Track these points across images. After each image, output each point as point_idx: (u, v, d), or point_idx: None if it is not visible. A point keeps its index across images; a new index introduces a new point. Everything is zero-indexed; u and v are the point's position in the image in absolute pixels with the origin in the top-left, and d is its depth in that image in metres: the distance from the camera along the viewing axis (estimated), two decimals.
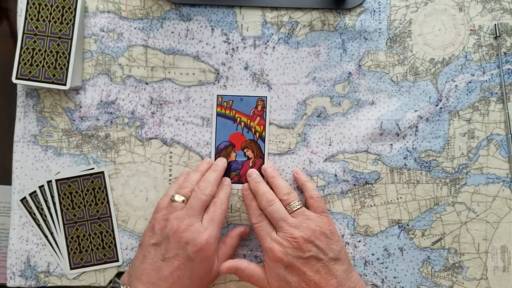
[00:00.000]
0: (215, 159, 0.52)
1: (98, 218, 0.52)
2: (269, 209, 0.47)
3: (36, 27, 0.50)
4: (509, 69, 0.52)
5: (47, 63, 0.50)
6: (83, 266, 0.51)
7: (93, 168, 0.52)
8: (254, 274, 0.47)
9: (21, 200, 0.52)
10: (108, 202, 0.52)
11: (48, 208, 0.52)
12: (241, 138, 0.53)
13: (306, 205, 0.50)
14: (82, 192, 0.52)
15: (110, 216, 0.52)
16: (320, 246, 0.45)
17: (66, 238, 0.51)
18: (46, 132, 0.53)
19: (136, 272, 0.45)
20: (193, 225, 0.45)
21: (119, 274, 0.49)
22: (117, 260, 0.52)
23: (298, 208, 0.47)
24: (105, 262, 0.52)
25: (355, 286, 0.45)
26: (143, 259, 0.45)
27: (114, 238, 0.52)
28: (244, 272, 0.47)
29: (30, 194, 0.52)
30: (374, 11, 0.52)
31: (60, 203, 0.51)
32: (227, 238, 0.50)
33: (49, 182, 0.52)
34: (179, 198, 0.47)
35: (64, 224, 0.51)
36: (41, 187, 0.52)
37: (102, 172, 0.52)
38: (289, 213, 0.47)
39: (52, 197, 0.51)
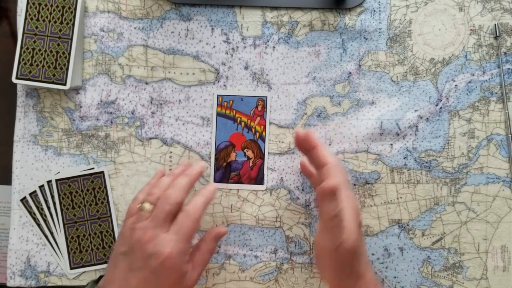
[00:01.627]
0: (215, 159, 0.52)
1: (98, 218, 0.52)
2: (344, 200, 0.41)
3: (36, 27, 0.50)
4: (509, 69, 0.52)
5: (47, 63, 0.50)
6: (83, 266, 0.51)
7: (93, 168, 0.52)
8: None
9: (21, 200, 0.52)
10: (108, 202, 0.52)
11: (48, 208, 0.52)
12: (241, 138, 0.53)
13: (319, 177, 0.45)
14: (82, 192, 0.52)
15: (110, 216, 0.52)
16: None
17: (66, 238, 0.51)
18: (46, 132, 0.53)
19: (109, 278, 0.43)
20: (157, 236, 0.41)
21: (99, 278, 0.46)
22: None
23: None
24: (105, 262, 0.52)
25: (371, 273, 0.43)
26: (114, 266, 0.43)
27: (114, 238, 0.52)
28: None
29: (30, 194, 0.52)
30: (374, 11, 0.52)
31: (60, 203, 0.51)
32: (201, 243, 0.47)
33: (49, 182, 0.52)
34: (146, 206, 0.43)
35: (64, 224, 0.51)
36: (41, 187, 0.52)
37: (102, 172, 0.52)
38: None
39: (52, 197, 0.51)
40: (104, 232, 0.52)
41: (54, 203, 0.51)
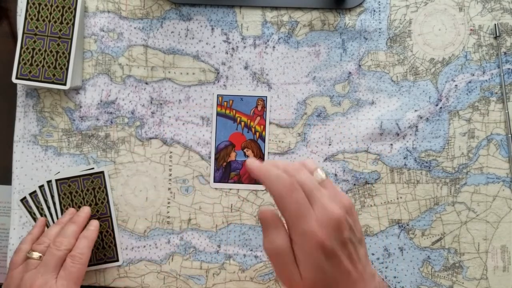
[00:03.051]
0: (215, 159, 0.52)
1: (98, 218, 0.51)
2: (296, 177, 0.35)
3: (36, 27, 0.50)
4: (509, 69, 0.52)
5: (47, 63, 0.50)
6: None
7: (93, 168, 0.52)
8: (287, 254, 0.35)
9: (21, 200, 0.52)
10: (108, 202, 0.52)
11: (48, 208, 0.52)
12: (241, 138, 0.53)
13: None
14: (82, 192, 0.52)
15: (110, 216, 0.52)
16: (352, 225, 0.35)
17: None
18: (46, 132, 0.53)
19: None
20: (46, 283, 0.43)
21: None
22: (117, 260, 0.51)
23: (325, 178, 0.37)
24: (105, 262, 0.52)
25: (373, 272, 0.37)
26: None
27: (114, 238, 0.52)
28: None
29: (30, 194, 0.52)
30: (374, 11, 0.52)
31: (60, 203, 0.51)
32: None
33: (49, 182, 0.51)
34: (34, 254, 0.45)
35: None
36: (41, 187, 0.52)
37: (102, 172, 0.52)
38: None
39: (52, 197, 0.51)
40: (104, 232, 0.52)
41: (54, 203, 0.51)
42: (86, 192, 0.52)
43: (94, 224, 0.50)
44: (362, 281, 0.35)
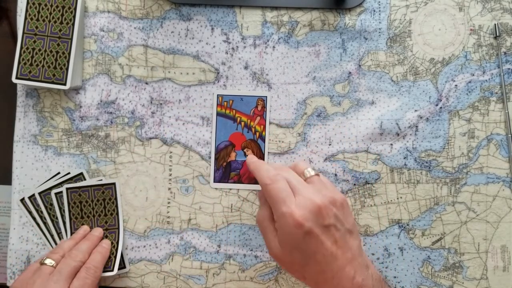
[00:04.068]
0: (215, 159, 0.52)
1: (106, 230, 0.51)
2: (283, 174, 0.43)
3: (36, 27, 0.50)
4: (509, 69, 0.52)
5: (47, 63, 0.50)
6: None
7: (101, 179, 0.52)
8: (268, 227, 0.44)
9: (21, 200, 0.52)
10: (117, 213, 0.52)
11: (48, 214, 0.52)
12: (241, 138, 0.53)
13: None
14: (92, 202, 0.51)
15: (118, 228, 0.52)
16: (338, 215, 0.41)
17: None
18: (46, 132, 0.53)
19: None
20: None
21: None
22: (112, 270, 0.50)
23: (313, 175, 0.44)
24: (111, 271, 0.51)
25: (366, 263, 0.43)
26: None
27: (116, 250, 0.51)
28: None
29: (29, 197, 0.52)
30: (374, 11, 0.52)
31: (69, 211, 0.51)
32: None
33: (49, 190, 0.51)
34: (49, 261, 0.46)
35: (71, 233, 0.51)
36: (41, 193, 0.51)
37: (114, 184, 0.52)
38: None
39: (62, 204, 0.51)
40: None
41: (63, 211, 0.51)
42: (96, 203, 0.51)
43: (107, 242, 0.51)
44: (351, 267, 0.41)
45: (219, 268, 0.52)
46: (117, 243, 0.51)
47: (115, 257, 0.51)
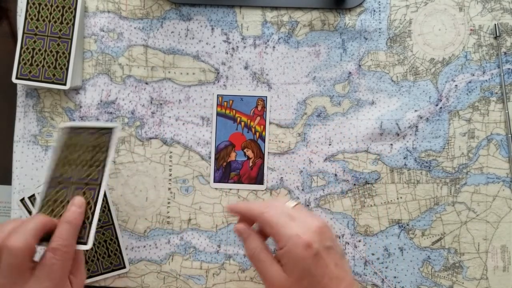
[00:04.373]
0: (215, 159, 0.52)
1: (101, 227, 0.51)
2: (273, 204, 0.41)
3: (36, 27, 0.50)
4: (509, 69, 0.52)
5: (47, 63, 0.50)
6: (91, 277, 0.51)
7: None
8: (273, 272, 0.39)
9: (21, 200, 0.52)
10: (104, 166, 0.44)
11: None
12: (241, 138, 0.53)
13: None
14: (82, 147, 0.46)
15: (113, 223, 0.51)
16: (333, 238, 0.40)
17: None
18: (46, 132, 0.53)
19: None
20: None
21: None
22: (124, 267, 0.51)
23: (297, 204, 0.42)
24: (112, 270, 0.51)
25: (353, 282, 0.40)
26: None
27: (119, 246, 0.51)
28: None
29: (29, 197, 0.52)
30: (374, 11, 0.52)
31: (57, 154, 0.46)
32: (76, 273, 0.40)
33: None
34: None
35: (49, 181, 0.48)
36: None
37: (112, 129, 0.45)
38: None
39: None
40: (108, 240, 0.51)
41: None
42: (85, 150, 0.46)
43: (79, 200, 0.39)
44: None
45: (219, 268, 0.52)
46: (95, 204, 0.40)
47: (90, 223, 0.40)
